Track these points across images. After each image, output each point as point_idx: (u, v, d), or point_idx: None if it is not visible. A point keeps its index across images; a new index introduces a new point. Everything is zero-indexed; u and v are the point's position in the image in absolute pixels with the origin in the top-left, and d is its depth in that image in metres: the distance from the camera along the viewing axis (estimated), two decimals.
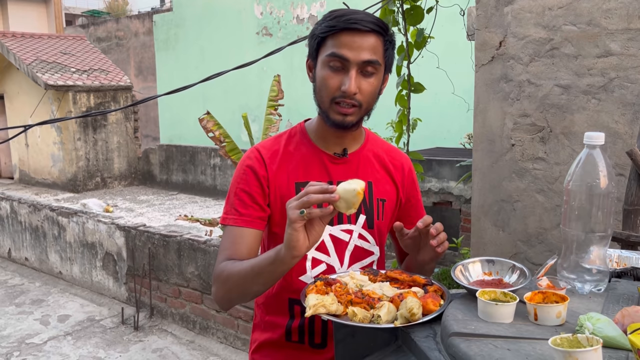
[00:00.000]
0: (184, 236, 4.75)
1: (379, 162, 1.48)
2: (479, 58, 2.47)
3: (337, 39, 1.28)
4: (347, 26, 1.27)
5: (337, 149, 1.42)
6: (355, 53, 1.27)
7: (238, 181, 1.40)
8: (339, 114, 1.32)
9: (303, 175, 1.40)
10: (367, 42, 1.28)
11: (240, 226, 1.36)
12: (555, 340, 0.85)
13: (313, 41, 1.33)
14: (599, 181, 1.10)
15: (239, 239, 1.35)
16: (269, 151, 1.42)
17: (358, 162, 1.44)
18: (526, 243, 2.40)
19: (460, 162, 6.02)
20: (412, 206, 1.54)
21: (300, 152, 1.42)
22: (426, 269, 1.41)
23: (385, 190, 1.47)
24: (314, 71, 1.36)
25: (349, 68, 1.28)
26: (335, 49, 1.28)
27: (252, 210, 1.37)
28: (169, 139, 13.67)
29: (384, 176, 1.48)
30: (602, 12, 2.10)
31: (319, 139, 1.43)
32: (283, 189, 1.38)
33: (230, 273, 1.31)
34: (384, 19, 3.09)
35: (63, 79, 11.16)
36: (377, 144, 1.51)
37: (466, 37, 4.46)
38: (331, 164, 1.41)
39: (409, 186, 1.53)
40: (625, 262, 1.30)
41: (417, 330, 1.09)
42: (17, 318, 5.19)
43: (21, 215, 6.67)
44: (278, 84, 5.06)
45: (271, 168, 1.39)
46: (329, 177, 1.40)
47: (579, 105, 2.20)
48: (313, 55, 1.35)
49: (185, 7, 13.36)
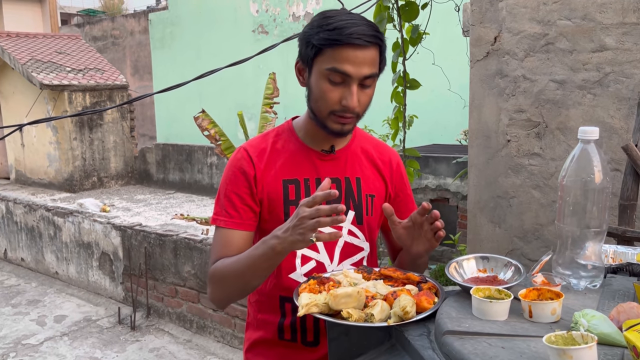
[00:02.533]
0: (180, 235, 4.73)
1: (367, 158, 1.48)
2: (474, 54, 2.45)
3: (337, 52, 1.25)
4: (350, 42, 1.24)
5: (325, 145, 1.42)
6: (357, 69, 1.26)
7: (227, 182, 1.39)
8: (337, 123, 1.32)
9: (291, 173, 1.39)
10: (368, 57, 1.26)
11: (231, 228, 1.36)
12: (550, 338, 0.84)
13: (309, 49, 1.29)
14: (593, 176, 1.09)
15: (229, 241, 1.36)
16: (257, 149, 1.41)
17: (346, 158, 1.44)
18: (522, 239, 2.39)
19: (456, 158, 6.01)
20: (402, 201, 1.53)
21: (289, 150, 1.41)
22: (419, 263, 1.41)
23: (374, 186, 1.46)
24: (306, 77, 1.34)
25: (350, 83, 1.27)
26: (337, 65, 1.25)
27: (242, 211, 1.37)
28: (165, 138, 13.64)
29: (372, 172, 1.47)
30: (596, 6, 2.09)
31: (307, 136, 1.42)
32: (271, 187, 1.38)
33: (224, 272, 1.31)
34: (379, 15, 3.07)
35: (58, 79, 11.12)
36: (364, 139, 1.51)
37: (462, 33, 4.45)
38: (319, 161, 1.41)
39: (397, 181, 1.52)
40: (621, 258, 1.29)
41: (411, 328, 1.08)
42: (13, 319, 5.17)
43: (17, 215, 6.65)
44: (273, 82, 5.04)
45: (259, 166, 1.38)
46: (317, 173, 1.40)
47: (575, 100, 2.19)
48: (307, 61, 1.32)
49: (180, 5, 13.32)
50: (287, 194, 1.37)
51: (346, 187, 1.42)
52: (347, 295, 1.11)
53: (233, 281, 1.30)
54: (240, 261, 1.29)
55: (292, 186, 1.38)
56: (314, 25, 1.30)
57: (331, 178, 1.39)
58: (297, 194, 1.38)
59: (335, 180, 1.41)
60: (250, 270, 1.27)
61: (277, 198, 1.37)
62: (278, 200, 1.37)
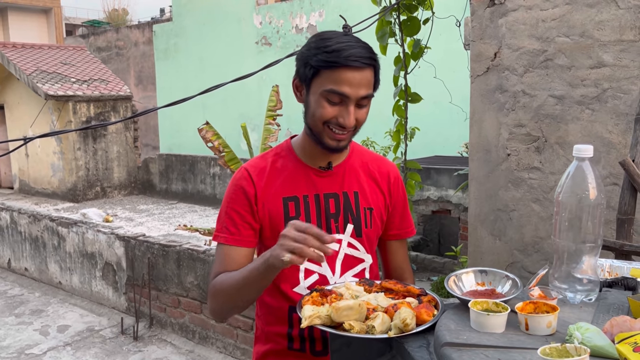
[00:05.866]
0: (183, 246, 4.76)
1: (365, 172, 1.52)
2: (475, 69, 2.49)
3: (335, 74, 1.30)
4: (348, 64, 1.29)
5: (322, 162, 1.46)
6: (354, 90, 1.30)
7: (228, 201, 1.45)
8: (333, 139, 1.36)
9: (290, 190, 1.44)
10: (365, 78, 1.32)
11: (231, 245, 1.42)
12: (545, 350, 0.87)
13: (307, 69, 1.34)
14: (588, 193, 1.13)
15: (229, 257, 1.41)
16: (256, 169, 1.46)
17: (343, 173, 1.48)
18: (522, 252, 2.42)
19: (458, 170, 6.04)
20: (398, 212, 1.57)
21: (287, 168, 1.46)
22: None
23: (372, 199, 1.50)
24: (304, 94, 1.38)
25: (348, 103, 1.32)
26: (335, 86, 1.30)
27: (242, 229, 1.42)
28: (168, 148, 13.70)
29: (370, 185, 1.51)
30: (594, 24, 2.13)
31: (305, 154, 1.47)
32: (271, 204, 1.42)
33: (223, 286, 1.38)
34: (381, 30, 3.12)
35: (63, 89, 11.21)
36: (362, 154, 1.55)
37: (463, 46, 4.50)
38: (317, 177, 1.46)
39: (395, 193, 1.56)
40: (617, 272, 1.32)
41: (411, 340, 1.11)
42: (17, 328, 5.19)
43: (21, 225, 6.68)
44: (277, 94, 5.09)
45: (259, 185, 1.43)
46: (315, 190, 1.45)
47: (573, 115, 2.22)
48: (305, 80, 1.36)
49: (184, 17, 13.44)
50: (287, 211, 1.42)
51: (344, 201, 1.46)
52: (349, 307, 1.14)
53: (230, 294, 1.37)
54: (237, 275, 1.34)
55: (292, 203, 1.42)
56: (312, 46, 1.34)
57: (329, 193, 1.44)
58: (297, 211, 1.42)
59: (333, 195, 1.45)
60: (245, 283, 1.32)
61: (277, 215, 1.42)
62: (279, 218, 1.42)
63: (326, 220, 1.44)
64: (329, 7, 10.62)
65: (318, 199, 1.43)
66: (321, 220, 1.43)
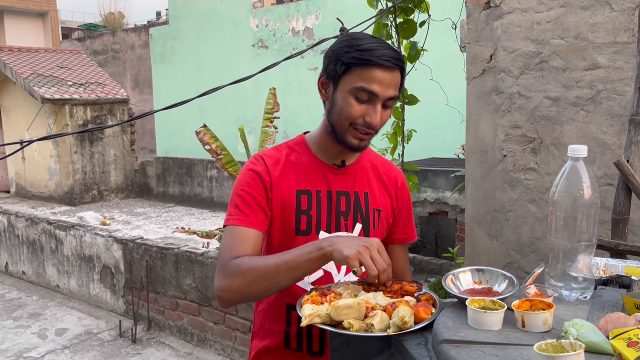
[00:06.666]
0: (181, 249, 4.77)
1: (375, 174, 1.55)
2: (471, 71, 2.52)
3: (367, 72, 1.32)
4: (381, 63, 1.31)
5: (337, 160, 1.48)
6: (384, 90, 1.33)
7: (242, 185, 1.43)
8: (356, 138, 1.39)
9: (304, 184, 1.45)
10: (394, 79, 1.34)
11: (246, 226, 1.38)
12: (541, 346, 0.89)
13: (337, 66, 1.36)
14: (583, 192, 1.14)
15: (244, 239, 1.37)
16: (272, 159, 1.47)
17: (356, 173, 1.51)
18: (519, 252, 2.44)
19: (455, 172, 6.07)
20: (403, 217, 1.59)
21: (302, 163, 1.48)
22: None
23: (380, 201, 1.53)
24: (330, 92, 1.40)
25: (376, 102, 1.34)
26: (366, 84, 1.32)
27: (256, 212, 1.40)
28: (166, 151, 13.70)
29: (379, 187, 1.54)
30: (589, 26, 2.16)
31: (320, 150, 1.49)
32: (285, 196, 1.43)
33: (254, 266, 1.30)
34: (378, 33, 3.14)
35: (60, 93, 11.21)
36: (372, 156, 1.58)
37: (459, 49, 4.52)
38: (331, 175, 1.48)
39: (401, 198, 1.59)
40: (612, 271, 1.34)
41: (410, 338, 1.13)
42: (15, 332, 5.19)
43: (18, 229, 6.68)
44: (274, 97, 5.11)
45: (274, 175, 1.44)
46: (328, 186, 1.46)
47: (569, 117, 2.25)
48: (333, 77, 1.38)
49: (181, 20, 13.45)
50: (299, 204, 1.43)
51: (355, 201, 1.48)
52: (349, 306, 1.16)
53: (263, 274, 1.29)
54: (276, 257, 1.30)
55: (305, 197, 1.44)
56: (344, 44, 1.37)
57: (341, 191, 1.46)
58: (309, 204, 1.44)
59: (344, 193, 1.47)
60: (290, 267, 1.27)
61: (290, 207, 1.43)
62: (291, 209, 1.43)
63: (336, 217, 1.45)
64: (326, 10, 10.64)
65: (330, 196, 1.45)
66: (331, 217, 1.45)
